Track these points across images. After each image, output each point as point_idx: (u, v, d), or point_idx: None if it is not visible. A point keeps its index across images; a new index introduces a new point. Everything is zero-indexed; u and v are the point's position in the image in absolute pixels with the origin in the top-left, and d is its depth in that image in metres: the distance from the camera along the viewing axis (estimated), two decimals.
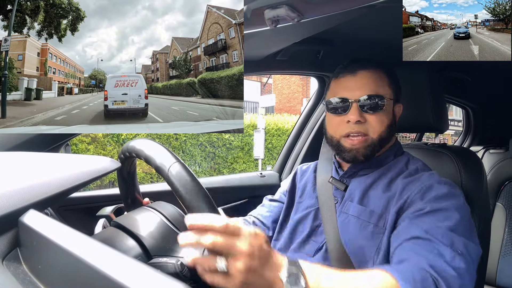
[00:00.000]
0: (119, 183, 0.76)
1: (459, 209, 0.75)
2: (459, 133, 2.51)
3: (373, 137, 0.87)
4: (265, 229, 1.07)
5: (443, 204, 0.75)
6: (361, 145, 0.86)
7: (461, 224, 0.72)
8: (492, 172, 1.84)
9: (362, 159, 0.87)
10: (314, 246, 0.91)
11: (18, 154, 0.64)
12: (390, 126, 0.89)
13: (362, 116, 0.86)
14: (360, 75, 0.88)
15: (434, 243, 0.67)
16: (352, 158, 0.88)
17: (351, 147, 0.87)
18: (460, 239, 0.69)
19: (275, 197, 1.13)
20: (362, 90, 0.87)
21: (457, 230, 0.71)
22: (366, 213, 0.84)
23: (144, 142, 0.59)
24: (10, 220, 0.43)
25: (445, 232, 0.69)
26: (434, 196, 0.77)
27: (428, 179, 0.81)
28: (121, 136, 5.62)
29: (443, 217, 0.73)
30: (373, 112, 0.86)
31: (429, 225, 0.71)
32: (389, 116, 0.89)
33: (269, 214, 1.09)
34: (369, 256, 0.81)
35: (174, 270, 0.52)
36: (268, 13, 0.80)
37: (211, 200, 0.49)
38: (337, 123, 0.89)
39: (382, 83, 0.89)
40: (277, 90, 14.34)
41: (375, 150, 0.88)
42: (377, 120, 0.86)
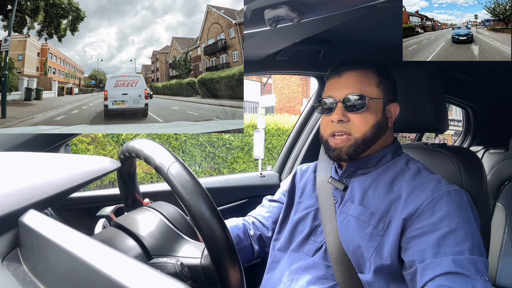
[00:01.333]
0: (119, 183, 0.76)
1: (471, 221, 0.76)
2: (459, 133, 2.51)
3: (356, 136, 0.88)
4: (264, 229, 1.08)
5: (457, 220, 0.75)
6: (344, 144, 0.88)
7: (475, 240, 0.74)
8: (492, 172, 1.84)
9: (346, 157, 0.89)
10: (314, 246, 0.91)
11: (18, 154, 0.64)
12: (376, 125, 0.89)
13: (345, 115, 0.88)
14: (345, 76, 0.91)
15: (466, 276, 0.69)
16: (336, 157, 0.91)
17: (335, 146, 0.90)
18: (481, 260, 0.71)
19: (274, 198, 1.13)
20: (347, 89, 0.89)
21: (475, 249, 0.72)
22: (366, 214, 0.84)
23: (143, 142, 0.59)
24: (10, 220, 0.43)
25: (469, 259, 0.71)
26: (447, 213, 0.77)
27: (438, 189, 0.81)
28: (121, 136, 5.62)
29: (462, 238, 0.73)
30: (356, 111, 0.88)
31: (453, 253, 0.72)
32: (375, 115, 0.89)
33: (269, 215, 1.09)
34: (367, 257, 0.81)
35: (174, 270, 0.52)
36: (268, 13, 0.80)
37: (211, 199, 0.49)
38: (325, 123, 0.93)
39: (368, 82, 0.90)
40: (277, 90, 14.34)
41: (359, 149, 0.89)
42: (361, 119, 0.88)
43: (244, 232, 1.06)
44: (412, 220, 0.79)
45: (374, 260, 0.80)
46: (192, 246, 0.57)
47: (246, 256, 1.04)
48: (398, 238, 0.79)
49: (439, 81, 1.04)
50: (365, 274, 0.82)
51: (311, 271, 0.88)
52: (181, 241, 0.58)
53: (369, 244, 0.81)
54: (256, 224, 1.09)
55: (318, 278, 0.86)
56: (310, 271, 0.88)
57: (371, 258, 0.80)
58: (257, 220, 1.10)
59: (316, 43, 1.21)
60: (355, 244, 0.83)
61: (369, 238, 0.82)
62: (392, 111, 0.93)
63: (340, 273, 0.84)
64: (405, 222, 0.79)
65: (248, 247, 1.05)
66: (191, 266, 0.53)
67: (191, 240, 0.59)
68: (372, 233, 0.82)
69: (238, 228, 1.05)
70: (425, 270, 0.73)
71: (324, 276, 0.86)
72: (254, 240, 1.06)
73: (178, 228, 0.60)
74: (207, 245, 0.48)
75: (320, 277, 0.86)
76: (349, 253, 0.84)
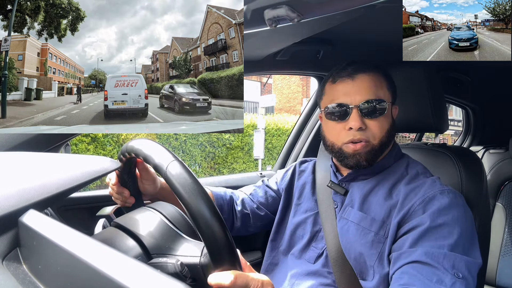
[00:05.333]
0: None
1: (460, 221, 0.74)
2: (459, 133, 2.51)
3: (374, 143, 0.84)
4: (254, 206, 1.04)
5: (444, 218, 0.74)
6: (363, 150, 0.84)
7: (462, 239, 0.72)
8: (492, 172, 1.84)
9: (365, 164, 0.85)
10: (315, 252, 0.90)
11: (18, 154, 0.64)
12: (390, 130, 0.87)
13: (363, 122, 0.83)
14: (359, 79, 0.85)
15: (434, 268, 0.67)
16: (355, 164, 0.85)
17: (353, 153, 0.84)
18: (462, 258, 0.69)
19: (272, 186, 1.09)
20: (363, 94, 0.84)
21: (458, 248, 0.70)
22: (367, 220, 0.83)
23: (142, 141, 0.59)
24: (10, 220, 0.43)
25: (446, 254, 0.69)
26: (436, 209, 0.75)
27: (431, 188, 0.79)
28: (121, 136, 5.62)
29: (444, 234, 0.72)
30: (374, 117, 0.84)
31: (430, 246, 0.71)
32: (389, 120, 0.87)
33: (264, 202, 1.06)
34: (370, 265, 0.80)
35: (174, 270, 0.52)
36: (268, 13, 0.80)
37: (210, 197, 0.49)
38: (337, 131, 0.86)
39: (381, 86, 0.87)
40: (277, 90, 14.34)
41: (377, 155, 0.86)
42: (378, 125, 0.84)
43: (228, 204, 1.01)
44: (404, 220, 0.78)
45: (377, 267, 0.79)
46: (191, 245, 0.57)
47: None
48: (393, 241, 0.78)
49: (439, 81, 1.04)
50: (368, 281, 0.80)
51: (312, 277, 0.87)
52: (181, 240, 0.58)
53: (372, 252, 0.80)
54: (247, 202, 1.04)
55: (320, 285, 0.85)
56: (311, 277, 0.87)
57: (375, 266, 0.79)
58: (250, 200, 1.05)
59: (316, 43, 1.21)
60: (356, 251, 0.82)
61: (371, 246, 0.80)
62: (394, 114, 0.92)
63: (341, 280, 0.82)
64: (399, 225, 0.78)
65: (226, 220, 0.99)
66: (191, 265, 0.54)
67: (191, 239, 0.59)
68: (374, 240, 0.80)
69: (223, 199, 1.01)
70: (398, 259, 0.72)
71: (326, 283, 0.85)
72: (237, 216, 1.02)
73: (178, 227, 0.60)
74: (206, 244, 0.48)
75: (321, 284, 0.85)
76: (350, 259, 0.82)
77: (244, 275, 0.47)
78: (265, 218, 1.05)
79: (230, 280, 0.45)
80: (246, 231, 1.05)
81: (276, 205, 1.05)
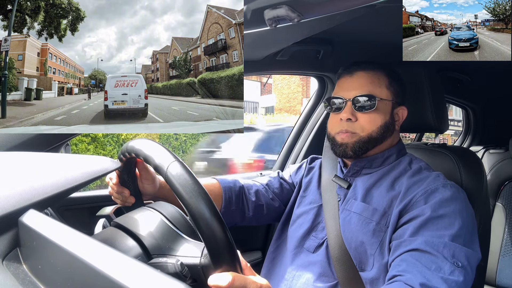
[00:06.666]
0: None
1: (462, 214, 0.76)
2: (459, 133, 2.52)
3: (362, 135, 0.89)
4: (269, 197, 1.04)
5: (446, 209, 0.76)
6: (349, 140, 0.89)
7: (463, 230, 0.73)
8: (492, 172, 1.84)
9: (351, 154, 0.90)
10: (315, 242, 0.92)
11: (18, 154, 0.64)
12: (384, 126, 0.90)
13: (354, 114, 0.89)
14: (357, 76, 0.91)
15: (433, 256, 0.68)
16: (342, 153, 0.91)
17: (341, 142, 0.90)
18: (462, 249, 0.70)
19: (286, 179, 1.10)
20: (357, 90, 0.89)
21: (459, 239, 0.71)
22: (368, 210, 0.85)
23: (143, 141, 0.59)
24: (10, 220, 0.43)
25: (446, 243, 0.70)
26: (438, 200, 0.77)
27: (434, 182, 0.82)
28: (121, 136, 5.61)
29: (445, 224, 0.73)
30: (365, 111, 0.88)
31: (430, 236, 0.72)
32: (383, 116, 0.90)
33: (279, 193, 1.06)
34: (370, 253, 0.81)
35: (174, 270, 0.52)
36: (268, 13, 0.80)
37: (210, 198, 0.49)
38: (334, 121, 0.94)
39: (379, 84, 0.90)
40: (277, 90, 14.35)
41: (364, 147, 0.89)
42: (368, 119, 0.89)
43: (238, 196, 1.00)
44: (405, 210, 0.80)
45: (378, 256, 0.80)
46: (191, 245, 0.57)
47: (232, 219, 0.99)
48: (394, 230, 0.80)
49: (439, 81, 1.04)
50: (367, 271, 0.82)
51: (312, 268, 0.88)
52: (181, 240, 0.58)
53: (373, 240, 0.81)
54: (262, 193, 1.03)
55: (320, 276, 0.87)
56: (311, 268, 0.89)
57: (375, 254, 0.81)
58: (264, 191, 1.04)
59: (316, 43, 1.21)
60: (358, 240, 0.83)
61: (372, 234, 0.82)
62: (400, 114, 0.94)
63: (341, 271, 0.84)
64: (400, 214, 0.80)
65: (236, 211, 0.99)
66: (191, 265, 0.53)
67: (191, 239, 0.59)
68: (375, 229, 0.82)
69: (232, 191, 0.99)
70: (398, 247, 0.74)
71: (326, 273, 0.87)
72: (249, 207, 1.01)
73: (178, 228, 0.60)
74: (207, 244, 0.48)
75: (321, 275, 0.87)
76: (351, 250, 0.84)
77: (242, 277, 0.47)
78: (279, 210, 1.06)
79: (228, 282, 0.45)
80: (257, 222, 1.05)
81: (289, 197, 1.07)
